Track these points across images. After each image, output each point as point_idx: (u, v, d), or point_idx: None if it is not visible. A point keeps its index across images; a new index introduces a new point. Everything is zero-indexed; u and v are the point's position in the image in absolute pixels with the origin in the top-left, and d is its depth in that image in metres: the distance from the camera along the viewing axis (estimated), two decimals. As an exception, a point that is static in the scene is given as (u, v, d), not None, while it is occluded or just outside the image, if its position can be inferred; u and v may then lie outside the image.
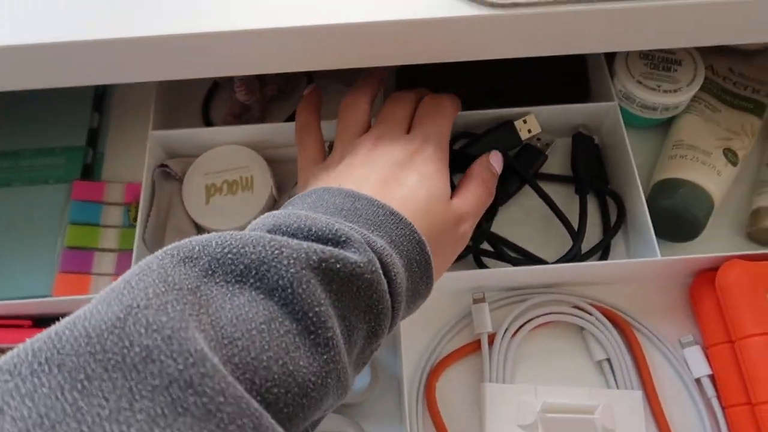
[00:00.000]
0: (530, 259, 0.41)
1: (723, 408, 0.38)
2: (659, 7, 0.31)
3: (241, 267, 0.22)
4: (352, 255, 0.25)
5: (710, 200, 0.41)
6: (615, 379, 0.39)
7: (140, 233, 0.39)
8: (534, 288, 0.41)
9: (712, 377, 0.38)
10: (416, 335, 0.40)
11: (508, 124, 0.43)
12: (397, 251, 0.27)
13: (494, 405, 0.37)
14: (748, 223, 0.43)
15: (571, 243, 0.41)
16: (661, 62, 0.43)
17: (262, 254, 0.23)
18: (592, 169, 0.44)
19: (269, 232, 0.25)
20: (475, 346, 0.39)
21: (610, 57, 0.44)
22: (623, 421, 0.37)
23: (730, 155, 0.42)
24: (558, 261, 0.40)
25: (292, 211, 0.26)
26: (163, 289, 0.20)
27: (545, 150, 0.44)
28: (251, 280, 0.22)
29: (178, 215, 0.42)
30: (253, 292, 0.22)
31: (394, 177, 0.32)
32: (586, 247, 0.42)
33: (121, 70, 0.34)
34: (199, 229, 0.43)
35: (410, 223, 0.29)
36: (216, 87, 0.48)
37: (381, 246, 0.26)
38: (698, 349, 0.39)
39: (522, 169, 0.43)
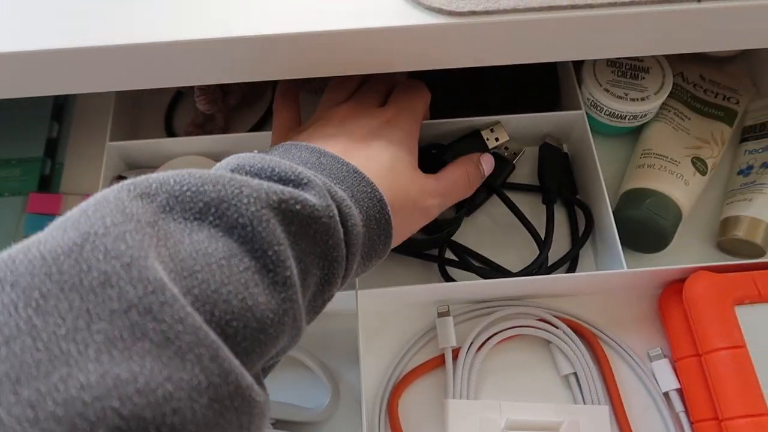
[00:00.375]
0: (496, 269, 0.41)
1: (691, 423, 0.37)
2: (618, 15, 0.30)
3: (200, 205, 0.22)
4: (311, 198, 0.25)
5: (678, 210, 0.40)
6: (582, 394, 0.38)
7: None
8: (500, 300, 0.40)
9: (680, 391, 0.38)
10: (379, 350, 0.39)
11: (475, 134, 0.42)
12: (357, 205, 0.28)
13: (458, 422, 0.36)
14: (718, 233, 0.42)
15: (527, 254, 0.40)
16: (629, 70, 0.42)
17: (222, 193, 0.22)
18: (560, 179, 0.44)
19: (232, 171, 0.25)
20: (439, 361, 0.39)
21: (578, 64, 0.44)
22: (590, 437, 0.36)
23: (699, 164, 0.42)
24: (524, 270, 0.40)
25: (257, 154, 0.27)
26: (121, 219, 0.20)
27: (513, 159, 0.43)
28: (210, 218, 0.22)
29: (136, 228, 0.41)
30: (212, 230, 0.22)
31: (361, 140, 0.32)
32: (554, 257, 0.41)
33: (75, 81, 0.33)
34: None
35: (372, 182, 0.29)
36: (179, 96, 0.48)
37: (341, 196, 0.27)
38: (666, 363, 0.38)
39: (490, 179, 0.42)
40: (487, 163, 0.39)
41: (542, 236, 0.41)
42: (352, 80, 0.37)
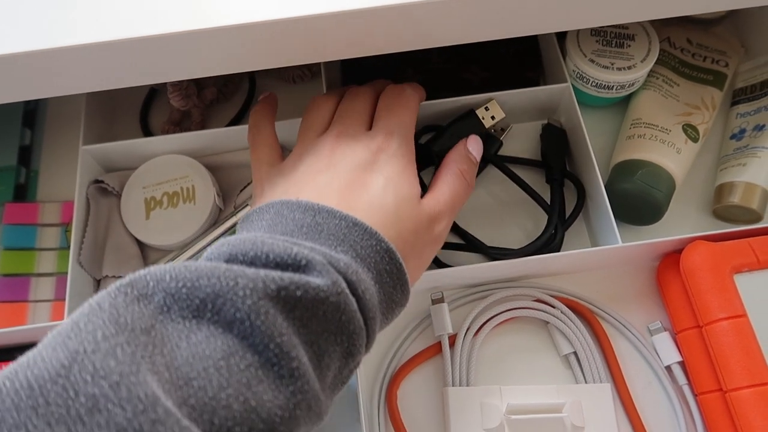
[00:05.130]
0: (495, 250, 0.39)
1: (695, 395, 0.36)
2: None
3: (197, 302, 0.21)
4: (314, 279, 0.23)
5: (671, 180, 0.39)
6: (583, 373, 0.37)
7: (75, 256, 0.37)
8: (495, 283, 0.39)
9: (682, 364, 0.37)
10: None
11: (470, 113, 0.41)
12: (363, 265, 0.26)
13: (458, 409, 0.35)
14: (713, 201, 0.41)
15: (531, 229, 0.39)
16: (613, 38, 0.41)
17: (218, 287, 0.22)
18: (562, 158, 0.42)
19: (226, 261, 0.24)
20: (436, 349, 0.38)
21: (562, 36, 0.42)
22: (593, 415, 0.36)
23: (691, 131, 0.41)
24: (536, 240, 0.38)
25: (248, 236, 0.25)
26: (114, 331, 0.19)
27: (500, 136, 0.42)
28: (208, 315, 0.21)
29: (117, 233, 0.40)
30: (211, 327, 0.21)
31: (358, 182, 0.29)
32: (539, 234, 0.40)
33: (41, 85, 0.32)
34: (141, 246, 0.41)
35: (376, 233, 0.27)
36: (153, 94, 0.46)
37: (345, 264, 0.25)
38: (667, 336, 0.38)
39: (484, 151, 0.41)
40: (476, 148, 0.36)
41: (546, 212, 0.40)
42: (329, 99, 0.34)
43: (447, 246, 0.40)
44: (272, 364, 0.21)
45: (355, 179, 0.30)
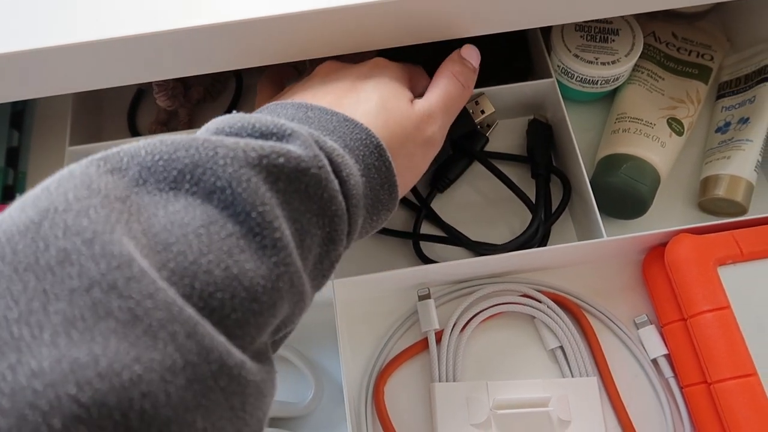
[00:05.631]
0: (480, 246, 0.40)
1: (681, 388, 0.36)
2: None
3: (174, 173, 0.20)
4: (296, 149, 0.23)
5: (656, 174, 0.39)
6: (569, 367, 0.37)
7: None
8: (481, 279, 0.39)
9: (668, 357, 0.37)
10: (361, 338, 0.38)
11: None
12: (352, 156, 0.26)
13: (445, 405, 0.36)
14: (698, 194, 0.41)
15: (517, 226, 0.39)
16: (598, 33, 0.41)
17: (196, 157, 0.21)
18: (548, 154, 0.42)
19: (212, 135, 0.23)
20: (423, 345, 0.38)
21: (547, 32, 0.42)
22: (579, 409, 0.36)
23: (675, 125, 0.41)
24: (520, 236, 0.39)
25: (237, 114, 0.25)
26: (86, 194, 0.18)
27: (486, 132, 0.42)
28: (186, 186, 0.20)
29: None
30: (189, 198, 0.20)
31: (349, 89, 0.30)
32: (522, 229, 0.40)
33: (28, 85, 0.32)
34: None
35: (366, 128, 0.27)
36: (141, 95, 0.46)
37: (331, 147, 0.25)
38: (653, 329, 0.38)
39: (468, 148, 0.41)
40: (472, 56, 0.34)
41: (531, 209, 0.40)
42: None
43: (431, 238, 0.40)
44: (254, 234, 0.20)
45: (347, 88, 0.30)
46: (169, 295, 0.17)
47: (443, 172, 0.42)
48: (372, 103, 0.29)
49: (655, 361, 0.37)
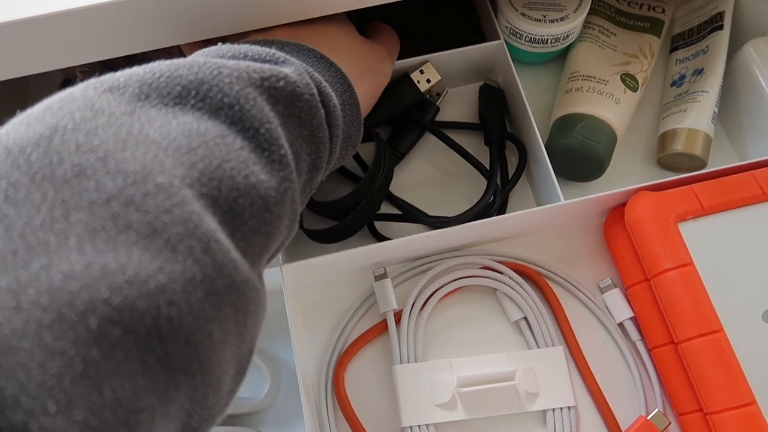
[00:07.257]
0: (434, 219, 0.38)
1: (649, 350, 0.35)
2: None
3: (178, 89, 0.20)
4: (292, 74, 0.23)
5: (612, 132, 0.38)
6: (534, 338, 0.36)
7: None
8: (439, 254, 0.38)
9: (634, 319, 0.36)
10: (317, 324, 0.37)
11: (404, 78, 0.39)
12: (334, 91, 0.27)
13: (408, 387, 0.34)
14: (657, 150, 0.40)
15: (476, 197, 0.37)
16: (544, -10, 0.39)
17: (200, 75, 0.21)
18: (501, 120, 0.41)
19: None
20: (382, 328, 0.36)
21: (492, -9, 0.41)
22: (547, 380, 0.35)
23: (629, 80, 0.39)
24: (475, 206, 0.37)
25: (225, 44, 0.25)
26: (91, 115, 0.18)
27: (436, 101, 0.41)
28: (192, 101, 0.20)
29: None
30: (197, 113, 0.20)
31: (304, 24, 0.30)
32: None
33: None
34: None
35: (340, 69, 0.28)
36: (67, 84, 0.43)
37: (318, 77, 0.25)
38: (618, 292, 0.37)
39: (418, 119, 0.39)
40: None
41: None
42: None
43: (384, 217, 0.39)
44: (263, 149, 0.21)
45: (300, 24, 0.30)
46: (185, 210, 0.17)
47: (393, 146, 0.40)
48: (332, 38, 0.30)
49: (621, 325, 0.36)
